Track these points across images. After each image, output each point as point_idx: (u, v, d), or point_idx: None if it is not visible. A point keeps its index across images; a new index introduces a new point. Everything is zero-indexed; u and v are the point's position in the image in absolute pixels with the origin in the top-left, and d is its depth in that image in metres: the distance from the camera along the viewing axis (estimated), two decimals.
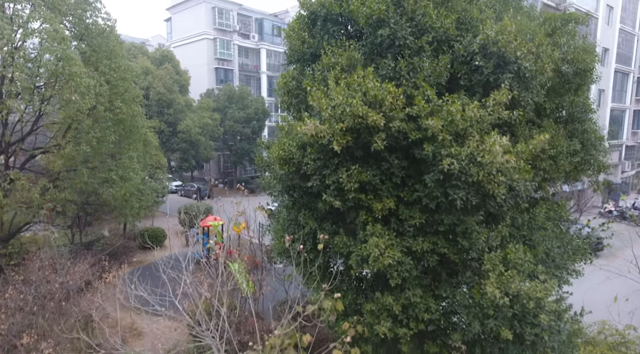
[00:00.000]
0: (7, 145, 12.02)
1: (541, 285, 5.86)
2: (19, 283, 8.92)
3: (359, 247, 6.38)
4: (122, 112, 13.70)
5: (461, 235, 6.24)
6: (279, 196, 8.20)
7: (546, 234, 7.14)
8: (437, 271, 7.03)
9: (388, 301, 6.66)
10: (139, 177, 14.86)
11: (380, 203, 6.24)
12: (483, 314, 6.18)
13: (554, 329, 6.09)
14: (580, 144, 8.35)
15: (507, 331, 5.91)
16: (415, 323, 6.83)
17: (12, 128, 12.32)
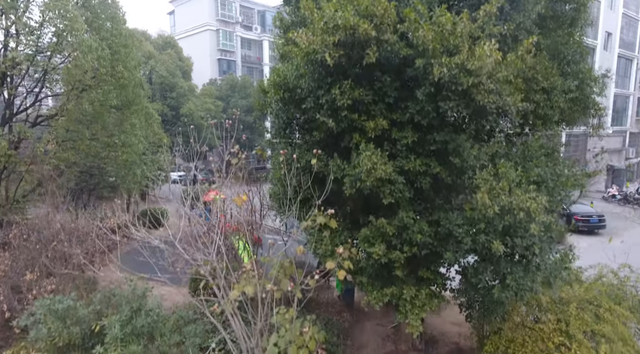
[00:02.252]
0: (11, 99, 12.25)
1: (532, 199, 5.93)
2: (22, 225, 9.12)
3: (353, 168, 6.48)
4: (123, 77, 13.89)
5: (453, 153, 6.32)
6: (277, 135, 8.31)
7: (539, 163, 7.20)
8: (431, 197, 7.12)
9: (381, 223, 6.74)
10: (140, 144, 15.05)
11: (373, 122, 6.34)
12: (475, 230, 6.26)
13: (545, 242, 6.15)
14: (574, 83, 8.40)
15: (498, 243, 5.98)
16: (409, 247, 6.92)
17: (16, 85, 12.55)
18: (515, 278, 6.29)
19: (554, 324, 8.00)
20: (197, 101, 31.69)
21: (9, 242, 8.63)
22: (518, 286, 6.31)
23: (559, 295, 8.60)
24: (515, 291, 6.32)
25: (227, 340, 6.45)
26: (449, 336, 11.74)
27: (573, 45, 8.78)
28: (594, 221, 23.46)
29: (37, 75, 12.98)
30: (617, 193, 32.99)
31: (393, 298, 7.44)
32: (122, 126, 14.67)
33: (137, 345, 5.99)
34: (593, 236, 22.89)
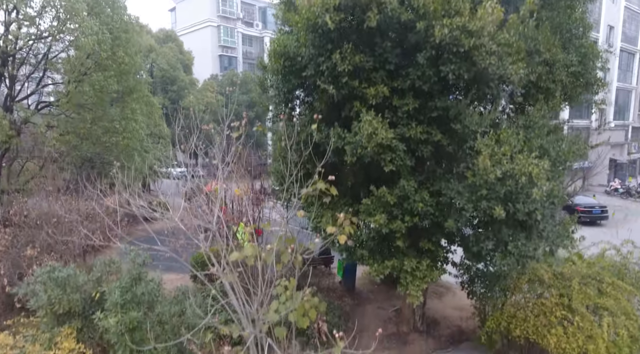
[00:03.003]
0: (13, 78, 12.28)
1: (534, 164, 5.88)
2: (23, 202, 9.12)
3: (354, 135, 6.44)
4: (124, 62, 13.89)
5: (454, 119, 6.28)
6: (277, 107, 8.29)
7: (541, 133, 7.15)
8: (432, 166, 7.08)
9: (382, 192, 6.71)
10: (142, 130, 15.06)
11: (374, 89, 6.29)
12: (476, 197, 6.21)
13: (547, 209, 6.10)
14: (576, 57, 8.34)
15: (500, 209, 5.94)
16: (410, 216, 6.88)
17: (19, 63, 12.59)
18: (517, 245, 6.24)
19: (556, 299, 7.95)
20: (198, 95, 31.71)
21: (10, 218, 8.63)
22: (520, 253, 6.26)
23: (561, 271, 8.55)
24: (517, 258, 6.27)
25: (226, 307, 6.42)
26: (451, 319, 11.69)
27: (576, 20, 8.72)
28: (596, 211, 23.39)
29: (38, 59, 13.05)
30: (619, 187, 32.88)
31: (394, 270, 7.41)
32: (123, 112, 14.68)
33: (137, 312, 5.97)
34: (595, 227, 22.81)
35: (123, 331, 5.88)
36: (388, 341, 10.52)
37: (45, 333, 6.25)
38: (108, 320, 5.84)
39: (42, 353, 5.71)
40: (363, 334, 10.99)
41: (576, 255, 9.03)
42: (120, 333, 5.87)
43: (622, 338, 7.40)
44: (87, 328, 6.52)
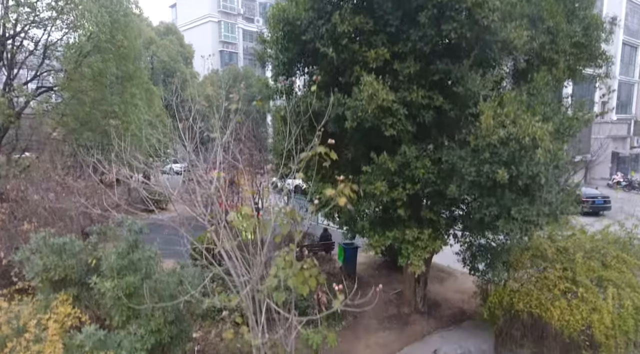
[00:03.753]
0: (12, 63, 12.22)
1: (537, 125, 5.77)
2: (20, 178, 9.03)
3: (354, 100, 6.34)
4: (123, 46, 13.80)
5: (456, 82, 6.17)
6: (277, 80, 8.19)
7: (544, 100, 7.03)
8: (434, 134, 6.96)
9: (383, 159, 6.60)
10: (142, 115, 14.97)
11: (374, 51, 6.19)
12: (479, 161, 6.09)
13: (551, 173, 5.98)
14: (580, 28, 8.21)
15: (503, 171, 5.82)
16: (411, 184, 6.77)
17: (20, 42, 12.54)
18: (520, 210, 6.12)
19: (559, 273, 7.83)
20: (199, 88, 31.63)
21: (7, 193, 8.54)
22: (523, 218, 6.14)
23: (565, 246, 8.43)
24: (521, 224, 6.15)
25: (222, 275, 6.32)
26: (452, 302, 11.58)
27: None
28: (599, 202, 23.22)
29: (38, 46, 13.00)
30: (622, 180, 32.69)
31: (395, 241, 7.30)
32: (122, 97, 14.59)
33: (133, 277, 5.87)
34: (598, 218, 22.66)
35: (119, 295, 5.78)
36: (389, 322, 10.41)
37: (41, 301, 6.15)
38: (104, 284, 5.74)
39: (37, 316, 5.62)
40: (364, 314, 10.91)
41: (580, 231, 8.91)
42: (117, 297, 5.77)
43: (627, 309, 7.28)
44: (84, 295, 6.43)
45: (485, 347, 8.76)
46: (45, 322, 5.50)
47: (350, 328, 10.26)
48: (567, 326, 7.35)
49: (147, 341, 5.75)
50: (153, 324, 5.91)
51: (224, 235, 6.22)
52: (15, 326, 5.51)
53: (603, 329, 7.13)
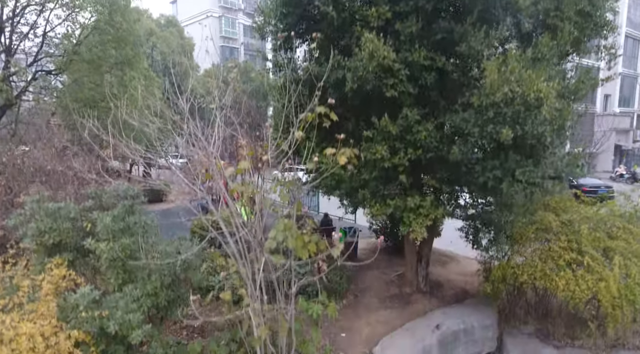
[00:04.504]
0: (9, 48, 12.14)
1: (542, 83, 5.62)
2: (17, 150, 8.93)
3: (354, 61, 6.20)
4: (122, 28, 13.71)
5: (459, 40, 6.02)
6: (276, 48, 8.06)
7: (549, 65, 6.88)
8: (436, 97, 6.82)
9: (385, 122, 6.47)
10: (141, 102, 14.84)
11: (375, 9, 6.04)
12: (482, 121, 5.95)
13: (556, 133, 5.84)
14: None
15: (507, 130, 5.68)
16: (413, 149, 6.63)
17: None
18: (524, 172, 5.98)
19: (564, 244, 7.68)
20: (200, 81, 31.55)
21: (4, 163, 8.43)
22: (527, 180, 6.00)
23: (570, 218, 8.28)
24: (525, 186, 6.00)
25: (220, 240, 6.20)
26: (455, 283, 11.43)
27: None
28: (602, 191, 23.02)
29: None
30: (625, 172, 32.48)
31: (397, 209, 7.16)
32: (121, 80, 14.50)
33: (129, 239, 5.75)
34: None
35: (115, 257, 5.66)
36: (390, 301, 10.28)
37: (36, 266, 6.03)
38: (99, 245, 5.62)
39: (31, 277, 5.49)
40: (365, 294, 10.79)
41: (585, 204, 8.76)
42: (112, 259, 5.65)
43: (633, 278, 7.14)
44: (79, 262, 6.31)
45: (488, 322, 8.62)
46: (39, 283, 5.38)
47: (351, 306, 10.13)
48: (572, 296, 7.20)
49: (143, 303, 5.62)
50: (149, 287, 5.78)
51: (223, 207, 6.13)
52: (8, 285, 5.39)
53: (609, 298, 6.98)
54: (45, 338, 4.72)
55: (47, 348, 4.66)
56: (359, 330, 8.86)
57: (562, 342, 8.26)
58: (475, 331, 8.44)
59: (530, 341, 8.41)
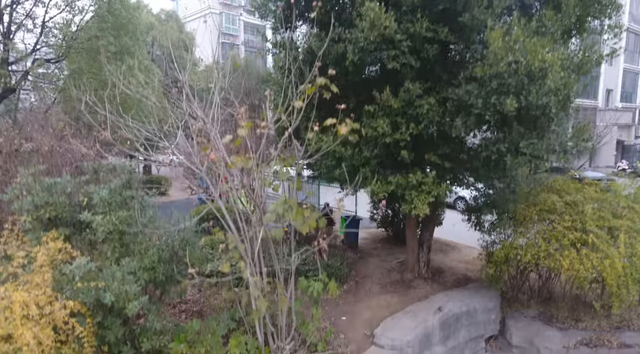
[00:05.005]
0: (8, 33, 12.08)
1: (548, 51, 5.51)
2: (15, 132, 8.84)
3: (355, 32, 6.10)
4: (121, 15, 13.64)
5: (462, 9, 5.91)
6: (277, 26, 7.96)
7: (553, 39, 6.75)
8: (438, 71, 6.71)
9: (387, 96, 6.36)
10: (140, 87, 14.77)
11: None
12: (486, 92, 5.84)
13: (561, 104, 5.72)
14: None
15: (511, 100, 5.57)
16: (415, 123, 6.53)
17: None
18: (529, 145, 5.86)
19: (568, 223, 7.57)
20: (200, 75, 31.48)
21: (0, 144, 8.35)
22: (532, 153, 5.89)
23: (574, 199, 8.16)
24: (529, 158, 5.89)
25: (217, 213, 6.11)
26: (456, 269, 11.33)
27: None
28: (604, 184, 22.91)
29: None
30: (627, 167, 32.33)
31: (398, 187, 7.05)
32: (120, 68, 14.42)
33: (126, 213, 5.65)
34: None
35: (111, 230, 5.56)
36: (392, 286, 10.17)
37: (32, 241, 5.93)
38: (95, 217, 5.52)
39: (26, 249, 5.40)
40: (366, 280, 10.69)
41: (590, 184, 8.64)
42: (109, 231, 5.55)
43: (639, 257, 7.02)
44: (76, 237, 6.20)
45: (491, 305, 8.51)
46: (34, 254, 5.28)
47: (352, 292, 10.03)
48: (577, 275, 7.09)
49: (140, 277, 5.52)
50: (147, 262, 5.69)
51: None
52: (2, 256, 5.29)
53: (614, 277, 6.87)
54: (40, 307, 4.62)
55: (41, 316, 4.56)
56: (360, 314, 8.76)
57: (565, 324, 8.15)
58: (478, 314, 8.33)
59: (534, 323, 8.31)
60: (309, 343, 7.08)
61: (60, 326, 4.69)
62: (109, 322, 5.25)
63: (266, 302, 5.61)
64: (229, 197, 9.63)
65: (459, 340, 8.08)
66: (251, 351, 6.41)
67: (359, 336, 7.91)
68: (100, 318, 5.20)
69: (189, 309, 8.88)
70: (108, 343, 5.19)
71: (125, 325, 5.44)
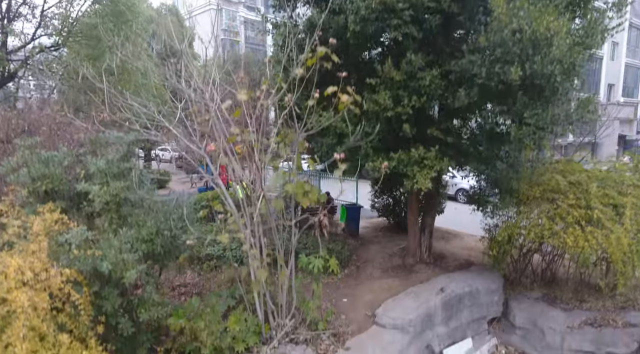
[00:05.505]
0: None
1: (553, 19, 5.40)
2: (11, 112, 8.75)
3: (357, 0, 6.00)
4: (120, 1, 13.58)
5: None
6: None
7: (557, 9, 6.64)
8: (440, 44, 6.60)
9: (388, 67, 6.26)
10: (139, 73, 14.69)
11: None
12: (490, 60, 5.73)
13: (566, 73, 5.61)
14: None
15: (516, 68, 5.46)
16: (417, 96, 6.42)
17: None
18: (533, 115, 5.76)
19: (572, 201, 7.45)
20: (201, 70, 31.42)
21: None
22: (536, 123, 5.78)
23: (578, 179, 8.05)
24: (534, 129, 5.78)
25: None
26: (459, 255, 11.23)
27: None
28: None
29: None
30: (630, 161, 32.20)
31: (400, 163, 6.95)
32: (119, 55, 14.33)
33: (123, 182, 5.55)
34: None
35: (108, 200, 5.46)
36: (393, 271, 10.08)
37: (28, 213, 5.83)
38: (92, 187, 5.42)
39: (22, 219, 5.30)
40: (367, 265, 10.59)
41: (594, 164, 8.54)
42: (106, 202, 5.45)
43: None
44: (73, 210, 6.11)
45: (494, 287, 8.41)
46: (30, 224, 5.18)
47: (353, 275, 9.94)
48: (581, 252, 6.98)
49: (138, 248, 5.42)
50: (144, 233, 5.59)
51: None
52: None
53: (620, 254, 6.76)
54: (35, 274, 4.53)
55: (37, 282, 4.47)
56: (361, 296, 8.67)
57: (569, 305, 8.05)
58: (481, 295, 8.23)
59: (537, 304, 8.21)
60: (309, 322, 6.98)
61: (56, 294, 4.60)
62: (106, 292, 5.15)
63: (265, 272, 5.53)
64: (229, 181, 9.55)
65: (461, 321, 7.98)
66: (251, 328, 6.31)
67: (360, 317, 7.82)
68: (97, 287, 5.11)
69: (189, 292, 8.80)
70: (105, 313, 5.10)
71: (122, 296, 5.35)
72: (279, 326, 6.63)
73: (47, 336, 4.44)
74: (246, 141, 6.04)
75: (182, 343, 6.00)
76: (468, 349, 7.86)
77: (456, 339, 7.87)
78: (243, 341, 6.19)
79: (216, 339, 5.70)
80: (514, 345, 8.08)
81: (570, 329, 7.52)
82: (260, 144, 6.12)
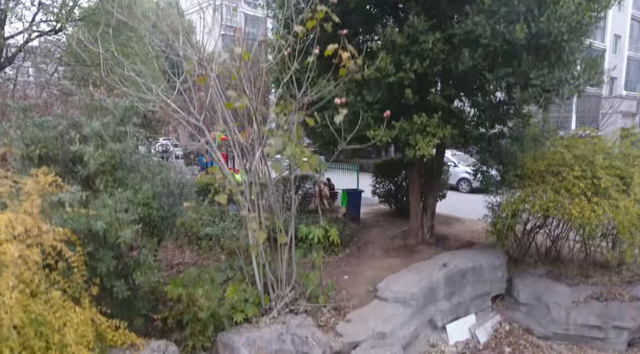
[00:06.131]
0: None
1: None
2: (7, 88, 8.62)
3: None
4: None
5: None
6: None
7: None
8: (445, 11, 6.46)
9: (390, 30, 6.12)
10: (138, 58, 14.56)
11: None
12: (494, 20, 5.59)
13: (574, 31, 5.46)
14: None
15: (521, 26, 5.32)
16: (420, 60, 6.28)
17: None
18: (539, 76, 5.61)
19: (577, 173, 7.30)
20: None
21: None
22: (542, 85, 5.63)
23: (583, 152, 7.90)
24: (540, 91, 5.64)
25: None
26: (461, 237, 11.10)
27: None
28: None
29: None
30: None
31: (402, 132, 6.82)
32: (118, 38, 14.21)
33: (119, 144, 5.41)
34: None
35: (103, 162, 5.33)
36: (395, 251, 9.95)
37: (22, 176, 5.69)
38: (87, 148, 5.29)
39: (14, 180, 5.17)
40: (368, 246, 10.45)
41: (597, 138, 8.38)
42: (101, 163, 5.31)
43: None
44: (68, 176, 5.97)
45: (497, 263, 8.25)
46: (23, 185, 5.05)
47: (354, 255, 9.81)
48: (587, 223, 6.83)
49: (133, 212, 5.28)
50: (141, 197, 5.45)
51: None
52: None
53: (627, 224, 6.61)
54: (26, 229, 4.40)
55: (28, 237, 4.34)
56: (362, 273, 8.53)
57: (575, 280, 7.90)
58: (484, 271, 8.08)
59: (542, 280, 8.06)
60: (310, 295, 6.84)
61: (49, 251, 4.47)
62: (100, 254, 5.02)
63: (264, 234, 5.39)
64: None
65: (464, 297, 7.83)
66: (250, 299, 6.17)
67: (362, 292, 7.69)
68: (92, 248, 4.98)
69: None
70: (100, 275, 4.97)
71: (118, 259, 5.21)
72: (278, 297, 6.49)
73: (39, 293, 4.31)
74: (244, 102, 5.92)
75: (179, 311, 5.87)
76: (471, 324, 7.71)
77: (459, 315, 7.73)
78: (242, 312, 6.04)
79: (214, 305, 5.55)
80: (518, 321, 7.93)
81: (576, 304, 7.37)
82: (259, 104, 5.99)
